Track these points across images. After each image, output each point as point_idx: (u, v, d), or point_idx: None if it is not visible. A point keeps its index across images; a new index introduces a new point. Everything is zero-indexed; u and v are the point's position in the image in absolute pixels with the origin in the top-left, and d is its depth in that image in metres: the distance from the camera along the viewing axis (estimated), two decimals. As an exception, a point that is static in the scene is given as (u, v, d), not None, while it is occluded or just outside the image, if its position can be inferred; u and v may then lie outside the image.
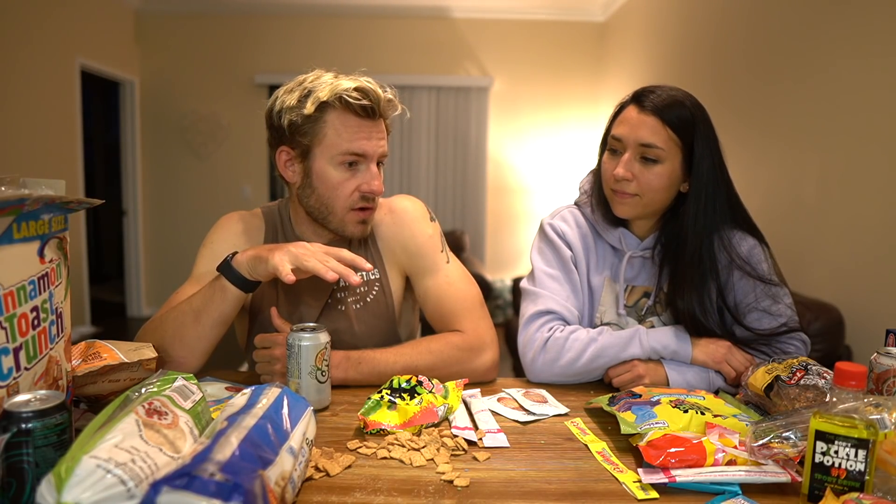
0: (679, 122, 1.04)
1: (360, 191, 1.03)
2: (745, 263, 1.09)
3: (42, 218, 0.62)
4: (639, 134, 1.05)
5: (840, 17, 2.11)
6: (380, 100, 1.01)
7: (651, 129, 1.05)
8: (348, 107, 0.99)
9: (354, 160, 1.02)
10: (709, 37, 3.16)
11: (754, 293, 1.10)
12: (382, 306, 1.13)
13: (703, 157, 1.06)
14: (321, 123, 1.00)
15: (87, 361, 0.76)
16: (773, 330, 1.08)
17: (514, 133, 5.14)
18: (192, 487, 0.45)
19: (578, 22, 5.02)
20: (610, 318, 1.15)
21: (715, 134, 1.08)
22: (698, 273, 1.07)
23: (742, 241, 1.11)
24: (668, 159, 1.06)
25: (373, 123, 1.02)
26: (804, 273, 2.26)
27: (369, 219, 1.08)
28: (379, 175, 1.05)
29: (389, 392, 0.87)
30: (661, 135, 1.05)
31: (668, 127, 1.04)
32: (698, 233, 1.07)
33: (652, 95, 1.07)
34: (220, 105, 5.05)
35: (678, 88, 1.10)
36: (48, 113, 4.04)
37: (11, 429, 0.54)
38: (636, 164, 1.07)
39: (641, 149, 1.06)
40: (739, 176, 1.24)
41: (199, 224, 4.85)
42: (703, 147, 1.06)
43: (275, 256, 0.89)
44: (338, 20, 5.00)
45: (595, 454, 0.78)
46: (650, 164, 1.06)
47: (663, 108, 1.05)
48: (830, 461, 0.61)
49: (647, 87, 1.10)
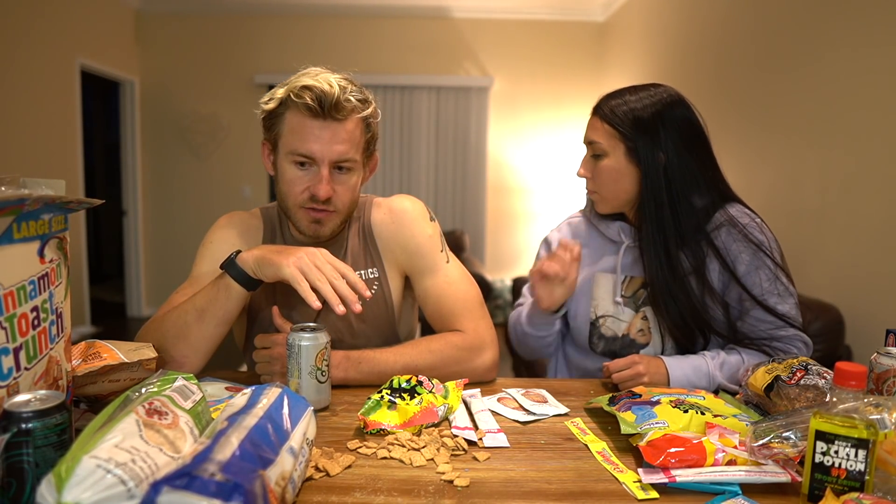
0: (616, 116, 1.13)
1: (308, 192, 1.01)
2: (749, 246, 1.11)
3: (42, 218, 0.62)
4: (587, 134, 1.18)
5: (840, 17, 2.11)
6: (332, 101, 0.95)
7: (594, 128, 1.16)
8: (299, 106, 0.96)
9: (303, 161, 1.00)
10: (709, 36, 3.16)
11: (760, 285, 1.10)
12: (382, 306, 1.13)
13: (650, 147, 1.11)
14: (281, 119, 1.00)
15: (87, 361, 0.76)
16: (776, 323, 1.08)
17: (514, 133, 5.14)
18: (193, 487, 0.45)
19: (578, 22, 5.02)
20: (604, 311, 1.20)
21: (677, 122, 1.12)
22: (665, 259, 1.12)
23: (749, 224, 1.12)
24: (611, 152, 1.14)
25: (325, 124, 0.97)
26: (804, 273, 2.26)
27: (324, 220, 1.03)
28: (328, 180, 0.99)
29: (389, 392, 0.87)
30: (600, 130, 1.15)
31: (606, 122, 1.14)
32: (652, 218, 1.13)
33: (607, 98, 1.17)
34: (220, 105, 5.05)
35: (645, 86, 1.16)
36: (48, 113, 4.04)
37: (11, 429, 0.54)
38: (590, 161, 1.18)
39: (590, 147, 1.17)
40: (740, 175, 1.25)
41: (199, 224, 4.84)
42: (650, 137, 1.11)
43: (288, 267, 0.88)
44: (338, 20, 5.00)
45: (595, 454, 0.78)
46: (598, 160, 1.16)
47: (602, 105, 1.16)
48: (830, 461, 0.61)
49: (611, 92, 1.18)
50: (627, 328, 1.18)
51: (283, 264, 0.88)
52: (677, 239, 1.11)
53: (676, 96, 1.15)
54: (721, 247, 1.11)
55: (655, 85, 1.16)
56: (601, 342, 1.20)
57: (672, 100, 1.13)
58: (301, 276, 0.87)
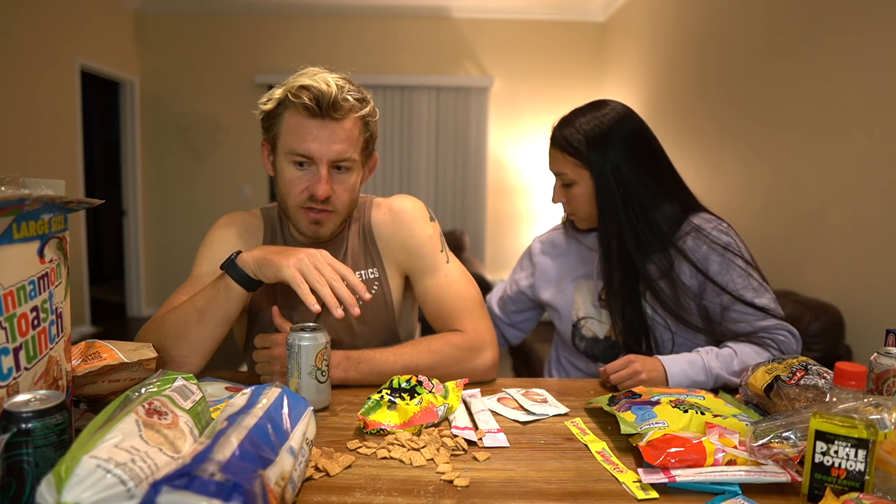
0: (573, 146, 1.17)
1: (307, 192, 1.01)
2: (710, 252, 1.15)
3: (42, 218, 0.62)
4: (552, 167, 1.23)
5: (841, 17, 2.12)
6: (330, 100, 0.95)
7: (556, 160, 1.21)
8: (298, 105, 0.97)
9: (302, 160, 1.00)
10: (709, 36, 3.16)
11: (734, 282, 1.13)
12: (381, 306, 1.13)
13: (600, 164, 1.16)
14: (279, 120, 1.01)
15: (87, 361, 0.76)
16: (757, 315, 1.11)
17: (513, 133, 5.14)
18: (192, 487, 0.45)
19: (578, 22, 5.02)
20: (585, 313, 1.27)
21: (625, 136, 1.16)
22: (626, 272, 1.17)
23: (712, 231, 1.17)
24: (580, 179, 1.19)
25: (323, 124, 0.97)
26: (804, 273, 2.26)
27: (324, 221, 1.04)
28: (328, 179, 0.99)
29: (389, 392, 0.87)
30: (564, 162, 1.20)
31: (567, 154, 1.18)
32: (605, 227, 1.18)
33: (560, 127, 1.21)
34: (220, 105, 5.05)
35: (589, 107, 1.21)
36: (48, 113, 4.04)
37: (11, 429, 0.54)
38: (561, 190, 1.23)
39: (559, 178, 1.22)
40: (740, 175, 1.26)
41: (199, 224, 4.85)
42: (599, 156, 1.16)
43: (289, 269, 0.88)
44: (338, 20, 5.00)
45: (595, 454, 0.78)
46: (569, 188, 1.21)
47: (560, 139, 1.19)
48: (830, 461, 0.61)
49: (562, 117, 1.23)
50: (609, 330, 1.24)
51: (283, 265, 0.88)
52: (639, 253, 1.15)
53: (623, 111, 1.19)
54: (689, 250, 1.16)
55: (603, 102, 1.21)
56: (582, 342, 1.27)
57: (619, 116, 1.18)
58: (301, 278, 0.87)
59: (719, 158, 2.90)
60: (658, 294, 1.15)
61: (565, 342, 1.32)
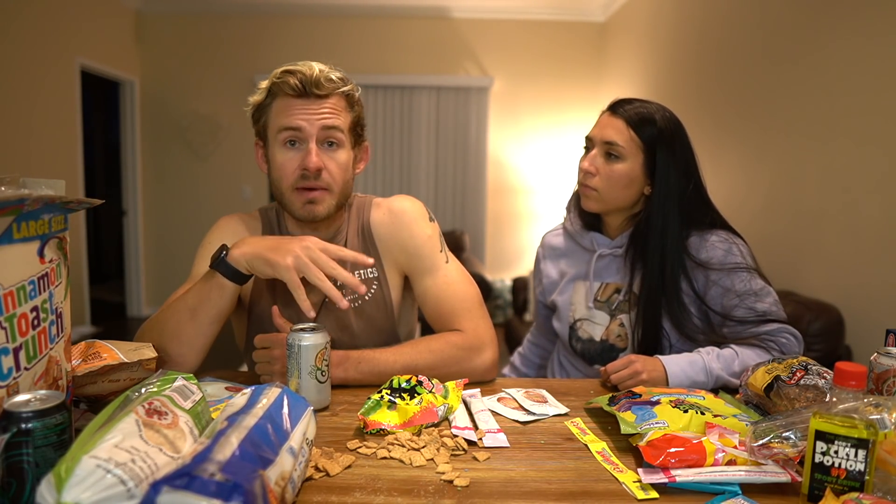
0: (643, 126, 1.15)
1: (299, 170, 1.03)
2: (718, 264, 1.14)
3: (42, 218, 0.62)
4: (605, 133, 1.17)
5: (841, 18, 2.12)
6: (313, 79, 1.01)
7: (616, 129, 1.16)
8: (283, 89, 1.02)
9: (293, 137, 1.03)
10: (709, 36, 3.16)
11: (736, 292, 1.13)
12: (381, 306, 1.13)
13: (667, 165, 1.15)
14: (268, 109, 1.05)
15: (87, 361, 0.76)
16: (760, 319, 1.11)
17: (513, 133, 5.14)
18: (193, 487, 0.45)
19: (578, 22, 5.02)
20: (581, 314, 1.27)
21: (685, 146, 1.17)
22: (665, 274, 1.15)
23: (717, 242, 1.16)
24: (630, 158, 1.16)
25: (309, 101, 1.02)
26: (804, 273, 2.26)
27: (318, 199, 1.04)
28: (317, 152, 1.02)
29: (389, 392, 0.87)
30: (625, 135, 1.16)
31: (632, 128, 1.15)
32: (660, 234, 1.15)
33: (624, 103, 1.19)
34: (220, 105, 5.05)
35: (654, 102, 1.19)
36: (48, 113, 4.04)
37: (11, 429, 0.54)
38: (601, 159, 1.18)
39: (606, 146, 1.17)
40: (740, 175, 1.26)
41: (199, 224, 4.85)
42: (666, 155, 1.15)
43: (288, 271, 0.87)
44: (338, 20, 5.00)
45: (595, 454, 0.78)
46: (613, 161, 1.17)
47: (630, 112, 1.16)
48: (830, 461, 0.61)
49: (624, 98, 1.20)
50: (605, 333, 1.24)
51: (280, 266, 0.88)
52: (675, 254, 1.15)
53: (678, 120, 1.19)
54: (692, 251, 1.16)
55: (658, 104, 1.20)
56: (578, 343, 1.27)
57: (679, 122, 1.18)
58: (298, 281, 0.87)
59: (719, 158, 2.90)
60: (673, 302, 1.15)
61: (563, 343, 1.32)
